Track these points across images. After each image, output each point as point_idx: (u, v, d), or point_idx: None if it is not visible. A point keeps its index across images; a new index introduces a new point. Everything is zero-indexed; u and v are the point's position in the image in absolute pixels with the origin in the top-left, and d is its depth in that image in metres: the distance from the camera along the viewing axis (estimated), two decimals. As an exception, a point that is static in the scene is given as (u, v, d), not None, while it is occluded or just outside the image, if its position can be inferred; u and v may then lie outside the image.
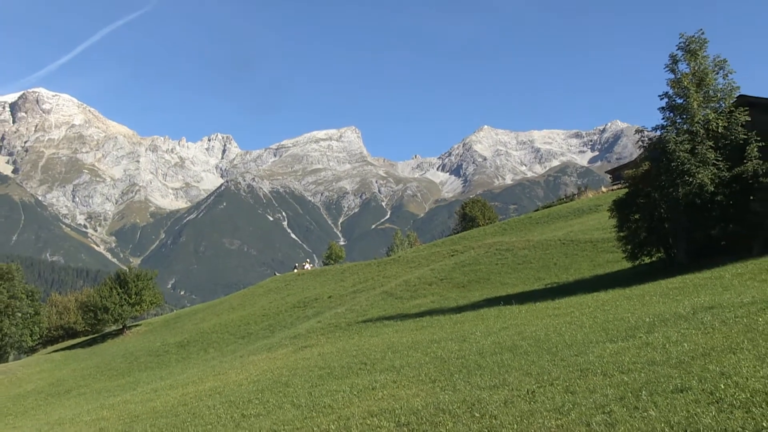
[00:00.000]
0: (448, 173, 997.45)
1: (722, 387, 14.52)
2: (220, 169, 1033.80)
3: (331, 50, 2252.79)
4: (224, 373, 40.50)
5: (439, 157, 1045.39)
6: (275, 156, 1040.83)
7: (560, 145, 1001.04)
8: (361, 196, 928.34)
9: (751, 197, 42.97)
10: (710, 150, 44.11)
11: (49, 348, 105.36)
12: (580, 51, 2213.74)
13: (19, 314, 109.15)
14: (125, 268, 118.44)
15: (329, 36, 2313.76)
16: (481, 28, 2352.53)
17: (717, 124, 44.72)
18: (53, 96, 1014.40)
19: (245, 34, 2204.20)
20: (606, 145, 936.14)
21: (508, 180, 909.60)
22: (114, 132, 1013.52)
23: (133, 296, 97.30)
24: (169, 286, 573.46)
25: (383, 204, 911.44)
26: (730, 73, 46.32)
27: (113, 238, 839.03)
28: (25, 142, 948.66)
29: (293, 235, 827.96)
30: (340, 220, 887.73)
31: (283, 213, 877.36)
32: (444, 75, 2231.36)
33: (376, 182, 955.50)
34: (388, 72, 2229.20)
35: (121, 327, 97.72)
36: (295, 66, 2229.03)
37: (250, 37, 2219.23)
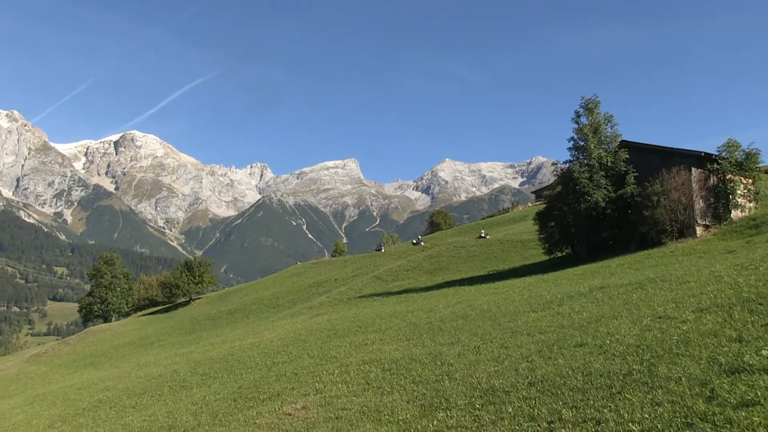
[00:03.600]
0: (420, 192, 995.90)
1: (608, 342, 14.62)
2: (258, 188, 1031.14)
3: (340, 100, 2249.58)
4: (260, 333, 40.42)
5: (414, 181, 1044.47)
6: (298, 179, 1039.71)
7: (500, 173, 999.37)
8: (358, 208, 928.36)
9: (629, 211, 43.37)
10: (602, 178, 44.55)
11: (139, 313, 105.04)
12: (511, 113, 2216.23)
13: (119, 289, 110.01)
14: (191, 257, 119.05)
15: (339, 87, 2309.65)
16: (445, 91, 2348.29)
17: (606, 160, 45.20)
18: (143, 136, 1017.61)
19: (275, 85, 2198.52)
20: (531, 173, 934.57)
21: (463, 197, 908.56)
22: (184, 161, 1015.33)
23: (196, 277, 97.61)
24: (222, 270, 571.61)
25: (374, 213, 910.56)
26: (615, 125, 47.10)
27: (183, 236, 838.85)
28: (124, 169, 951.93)
29: (310, 236, 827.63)
30: (344, 225, 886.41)
31: (303, 219, 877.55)
32: (421, 121, 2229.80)
33: (369, 198, 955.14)
34: (381, 119, 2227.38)
35: (188, 299, 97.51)
36: (311, 109, 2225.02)
37: (277, 87, 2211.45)
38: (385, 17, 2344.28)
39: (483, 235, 74.68)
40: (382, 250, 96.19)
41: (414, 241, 70.47)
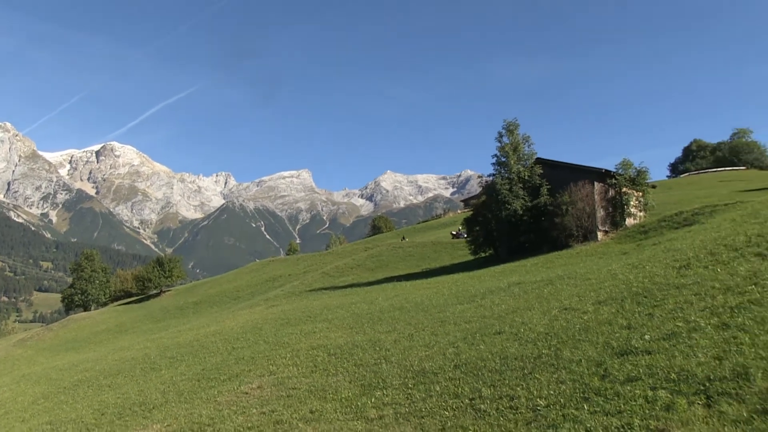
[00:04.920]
0: (365, 199, 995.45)
1: (522, 330, 14.90)
2: (223, 194, 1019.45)
3: (295, 117, 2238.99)
4: (222, 321, 39.99)
5: (360, 189, 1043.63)
6: (258, 186, 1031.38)
7: (434, 184, 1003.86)
8: (310, 213, 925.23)
9: (543, 218, 44.01)
10: (520, 189, 45.12)
11: (115, 303, 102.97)
12: (445, 132, 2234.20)
13: (98, 281, 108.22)
14: (162, 255, 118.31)
15: (295, 106, 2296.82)
16: (389, 110, 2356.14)
17: (524, 174, 45.80)
18: (121, 147, 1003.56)
19: (239, 105, 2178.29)
20: (461, 184, 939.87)
21: (402, 204, 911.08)
22: (158, 169, 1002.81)
23: (167, 272, 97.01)
24: (190, 266, 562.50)
25: (324, 218, 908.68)
26: (532, 144, 47.73)
27: (155, 235, 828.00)
28: (104, 175, 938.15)
29: (268, 236, 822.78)
30: (297, 227, 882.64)
31: (262, 222, 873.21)
32: (366, 136, 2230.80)
33: (320, 204, 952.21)
34: (332, 134, 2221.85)
35: (159, 291, 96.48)
36: (270, 123, 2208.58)
37: (240, 107, 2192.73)
38: (344, 42, 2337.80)
39: (403, 238, 75.82)
40: (331, 250, 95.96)
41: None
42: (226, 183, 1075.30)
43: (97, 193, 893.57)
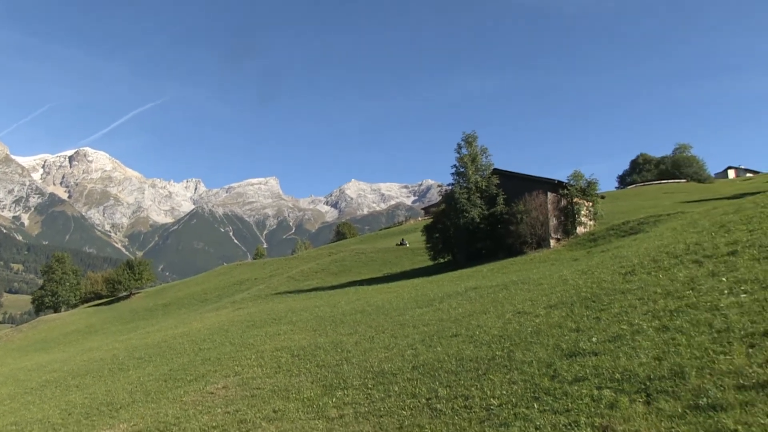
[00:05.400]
0: (330, 206, 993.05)
1: (477, 333, 15.01)
2: (193, 200, 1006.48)
3: (264, 127, 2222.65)
4: (190, 323, 39.51)
5: (325, 197, 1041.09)
6: (227, 193, 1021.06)
7: (396, 192, 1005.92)
8: (277, 219, 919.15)
9: (499, 226, 44.40)
10: (478, 198, 45.52)
11: (86, 305, 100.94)
12: (407, 143, 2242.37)
13: (68, 283, 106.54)
14: (133, 257, 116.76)
15: (264, 116, 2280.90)
16: (354, 121, 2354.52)
17: (482, 184, 46.22)
18: (94, 152, 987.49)
19: (212, 114, 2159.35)
20: (422, 193, 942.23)
21: (365, 212, 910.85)
22: (130, 175, 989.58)
23: (137, 275, 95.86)
24: (160, 269, 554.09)
25: (291, 223, 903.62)
26: (489, 156, 48.25)
27: (126, 239, 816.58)
28: (76, 180, 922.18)
29: (236, 241, 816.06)
30: (265, 233, 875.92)
31: (230, 227, 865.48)
32: (333, 146, 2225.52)
33: (287, 210, 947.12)
34: (299, 143, 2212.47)
35: (129, 293, 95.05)
36: (240, 134, 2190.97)
37: (212, 114, 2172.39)
38: (313, 53, 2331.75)
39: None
40: (296, 255, 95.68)
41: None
42: (196, 189, 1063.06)
43: (69, 197, 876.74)
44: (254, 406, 13.02)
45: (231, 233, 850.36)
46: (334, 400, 12.16)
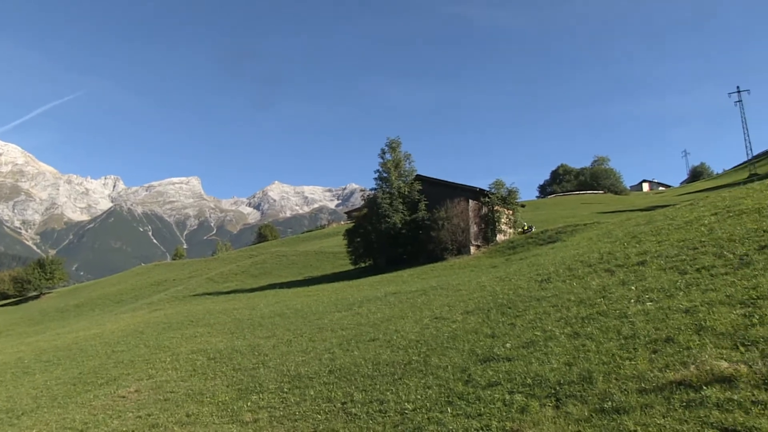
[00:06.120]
0: (252, 208, 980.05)
1: (395, 338, 15.12)
2: (111, 197, 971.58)
3: (186, 126, 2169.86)
4: (104, 325, 38.18)
5: (248, 198, 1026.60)
6: (147, 191, 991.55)
7: (320, 196, 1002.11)
8: (199, 219, 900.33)
9: (420, 231, 44.91)
10: (400, 204, 45.90)
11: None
12: (333, 146, 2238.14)
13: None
14: (45, 256, 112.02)
15: (187, 116, 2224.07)
16: (280, 123, 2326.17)
17: (404, 189, 46.65)
18: (4, 145, 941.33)
19: (123, 110, 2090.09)
20: (346, 197, 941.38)
21: (288, 214, 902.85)
22: (44, 170, 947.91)
23: (48, 274, 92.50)
24: (74, 268, 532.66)
25: (212, 224, 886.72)
26: (413, 162, 48.78)
27: (38, 237, 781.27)
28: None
29: (155, 241, 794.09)
30: (185, 233, 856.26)
31: (150, 226, 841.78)
32: (256, 147, 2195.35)
33: (208, 211, 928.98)
34: (224, 143, 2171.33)
35: (39, 293, 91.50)
36: (160, 133, 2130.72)
37: (131, 111, 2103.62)
38: (241, 52, 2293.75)
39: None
40: (217, 256, 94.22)
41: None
42: (114, 186, 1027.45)
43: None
44: (167, 410, 12.71)
45: (150, 233, 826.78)
46: (249, 404, 12.01)
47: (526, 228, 47.79)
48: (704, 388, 7.29)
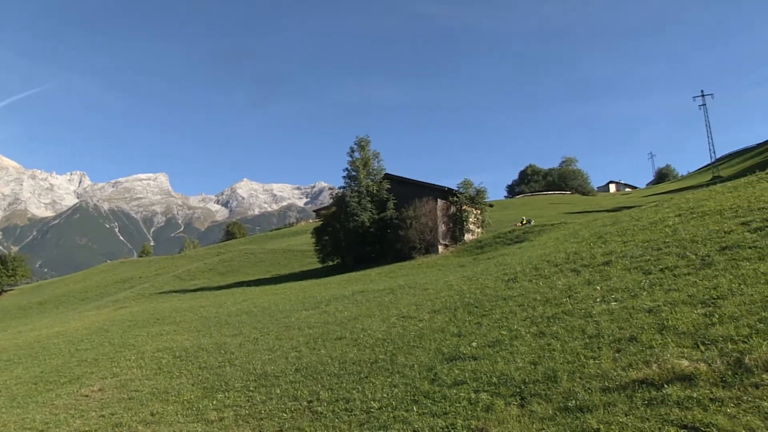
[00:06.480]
0: (221, 205, 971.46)
1: (362, 336, 15.14)
2: (77, 193, 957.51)
3: (156, 121, 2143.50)
4: (67, 322, 37.56)
5: (216, 195, 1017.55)
6: (113, 187, 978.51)
7: (288, 193, 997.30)
8: (166, 216, 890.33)
9: (389, 230, 44.99)
10: (369, 203, 45.92)
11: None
12: (302, 146, 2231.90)
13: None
14: (6, 252, 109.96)
15: (157, 111, 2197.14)
16: (250, 121, 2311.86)
17: (373, 188, 46.71)
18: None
19: (90, 104, 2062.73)
20: (314, 195, 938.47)
21: (256, 212, 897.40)
22: (6, 164, 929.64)
23: (9, 271, 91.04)
24: (38, 265, 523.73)
25: (180, 221, 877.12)
26: (381, 160, 48.95)
27: (0, 233, 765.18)
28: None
29: (121, 238, 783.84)
30: (152, 230, 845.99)
31: (116, 223, 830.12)
32: (225, 144, 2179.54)
33: (176, 208, 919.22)
34: (192, 139, 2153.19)
35: (0, 291, 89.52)
36: (127, 128, 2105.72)
37: (94, 107, 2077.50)
38: (211, 50, 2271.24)
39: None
40: (184, 253, 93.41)
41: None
42: (80, 182, 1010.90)
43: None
44: (131, 409, 12.55)
45: (116, 229, 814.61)
46: (214, 402, 11.92)
47: (525, 222, 48.73)
48: (665, 386, 7.42)
